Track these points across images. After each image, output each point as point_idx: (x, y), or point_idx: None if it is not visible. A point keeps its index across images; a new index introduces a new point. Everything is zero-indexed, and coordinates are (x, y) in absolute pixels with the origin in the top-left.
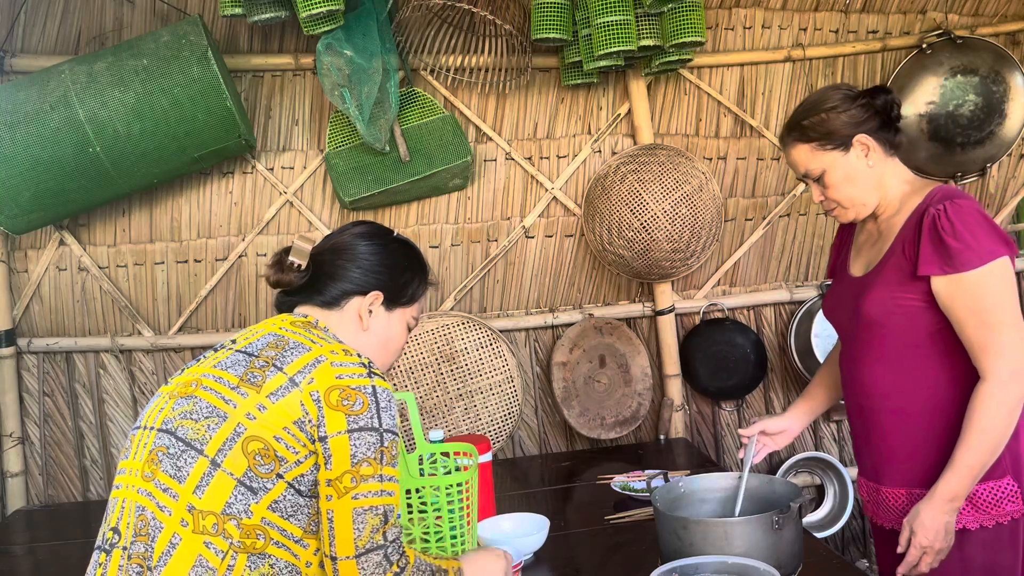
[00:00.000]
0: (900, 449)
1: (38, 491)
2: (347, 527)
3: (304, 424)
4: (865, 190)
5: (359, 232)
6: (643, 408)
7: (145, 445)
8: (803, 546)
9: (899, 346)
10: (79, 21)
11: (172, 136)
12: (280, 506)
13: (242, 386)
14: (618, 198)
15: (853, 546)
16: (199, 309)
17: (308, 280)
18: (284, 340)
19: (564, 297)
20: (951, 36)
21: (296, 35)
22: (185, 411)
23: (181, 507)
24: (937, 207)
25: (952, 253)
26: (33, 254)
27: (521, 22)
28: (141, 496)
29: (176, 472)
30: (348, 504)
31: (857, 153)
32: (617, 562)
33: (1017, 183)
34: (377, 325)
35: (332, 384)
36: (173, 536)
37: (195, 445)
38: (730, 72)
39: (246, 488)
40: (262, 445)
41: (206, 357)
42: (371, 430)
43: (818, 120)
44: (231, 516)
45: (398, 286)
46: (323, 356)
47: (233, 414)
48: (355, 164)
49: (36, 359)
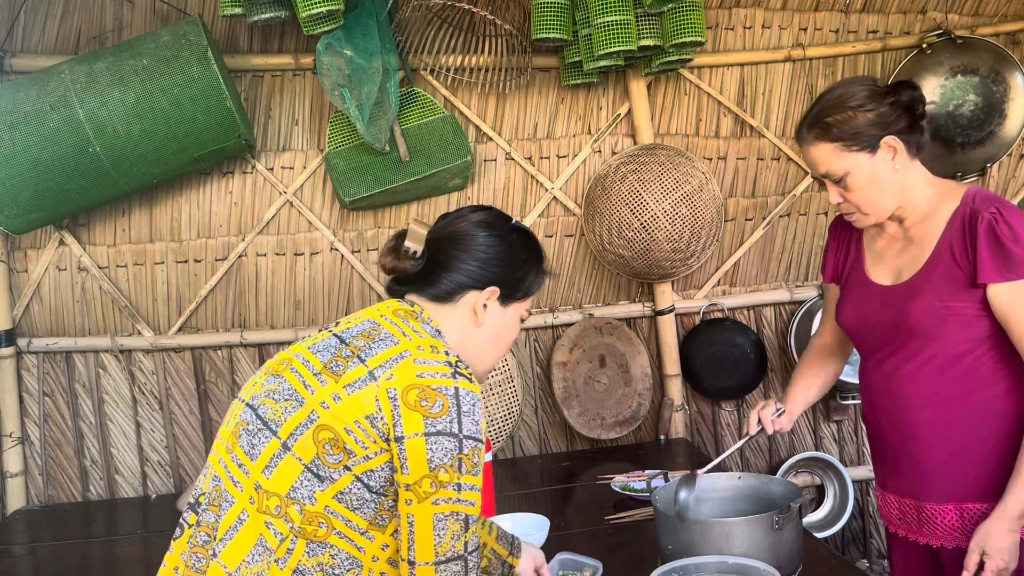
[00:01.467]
0: (947, 463)
1: (38, 491)
2: (427, 533)
3: (376, 420)
4: (888, 195)
5: (478, 220)
6: (643, 408)
7: (235, 416)
8: (803, 546)
9: (948, 356)
10: (79, 21)
11: (172, 136)
12: (346, 497)
13: (323, 373)
14: (618, 198)
15: (853, 546)
16: (199, 309)
17: (422, 269)
18: (378, 329)
19: (564, 297)
20: (951, 36)
21: (296, 35)
22: (270, 390)
23: (250, 484)
24: (991, 212)
25: (1016, 259)
26: (33, 254)
27: (521, 22)
28: (220, 467)
29: (250, 449)
30: (428, 509)
31: (884, 156)
32: (617, 562)
33: (1017, 183)
34: (491, 320)
35: (412, 383)
36: (241, 513)
37: (271, 425)
38: (730, 72)
39: (313, 475)
40: (332, 435)
41: (310, 336)
42: (450, 435)
43: (844, 118)
44: (295, 500)
45: (515, 280)
46: (408, 351)
47: (309, 400)
48: (355, 164)
49: (36, 359)
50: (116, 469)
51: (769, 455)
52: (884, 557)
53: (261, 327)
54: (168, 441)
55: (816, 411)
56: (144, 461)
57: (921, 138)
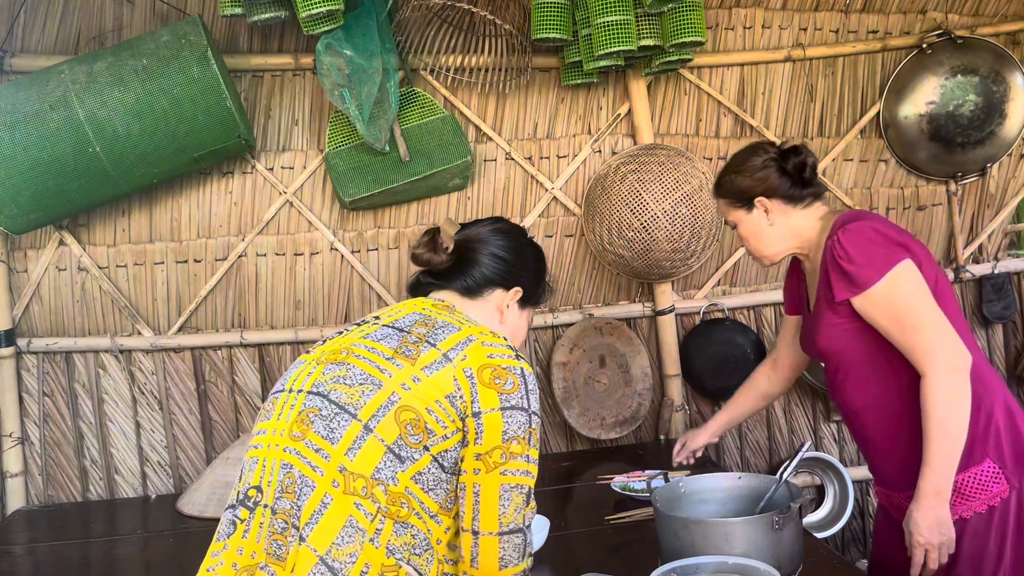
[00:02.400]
0: (896, 453)
1: (38, 491)
2: (493, 502)
3: (455, 399)
4: (770, 243)
5: (500, 228)
6: (643, 408)
7: (292, 407)
8: (803, 546)
9: (858, 364)
10: (79, 21)
11: (172, 136)
12: (423, 478)
13: (397, 357)
14: (618, 198)
15: (853, 546)
16: (199, 309)
17: (452, 264)
18: (432, 319)
19: (564, 297)
20: (951, 36)
21: (296, 35)
22: (338, 376)
23: (332, 467)
24: (833, 238)
25: (852, 276)
26: (33, 254)
27: (521, 22)
28: (289, 455)
29: (329, 433)
30: (497, 479)
31: (759, 212)
32: (617, 562)
33: (1017, 183)
34: (511, 320)
35: (484, 363)
36: (324, 496)
37: (348, 409)
38: (730, 72)
39: (394, 456)
40: (414, 416)
41: (349, 331)
42: (522, 410)
43: (727, 180)
44: (379, 481)
45: (533, 285)
46: (474, 336)
47: (388, 383)
48: (355, 164)
49: (36, 359)
50: (116, 469)
51: (769, 455)
52: None
53: (261, 327)
54: (168, 441)
55: (816, 411)
56: (144, 461)
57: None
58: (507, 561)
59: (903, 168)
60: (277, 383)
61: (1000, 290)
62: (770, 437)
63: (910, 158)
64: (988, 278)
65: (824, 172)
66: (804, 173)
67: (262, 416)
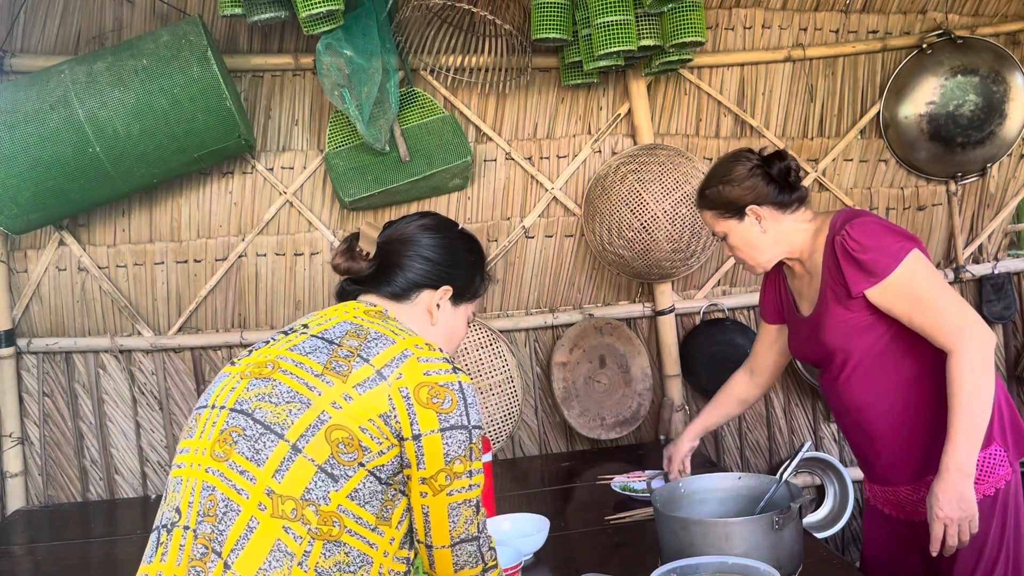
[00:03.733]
0: (901, 449)
1: (38, 491)
2: (443, 521)
3: (389, 419)
4: (763, 250)
5: (425, 224)
6: (643, 408)
7: (215, 424)
8: (803, 546)
9: (866, 359)
10: (79, 21)
11: (172, 136)
12: (359, 494)
13: (326, 374)
14: (618, 198)
15: (853, 546)
16: (199, 309)
17: (376, 270)
18: (364, 330)
19: (564, 297)
20: (951, 36)
21: (296, 35)
22: (263, 393)
23: (259, 490)
24: (841, 233)
25: (868, 265)
26: (33, 254)
27: (521, 22)
28: (211, 475)
29: (254, 455)
30: (443, 500)
31: (751, 221)
32: (617, 562)
33: (1017, 183)
34: (444, 319)
35: (421, 381)
36: (250, 520)
37: (275, 429)
38: (730, 72)
39: (327, 475)
40: (347, 435)
41: (276, 340)
42: (461, 428)
43: (715, 191)
44: (310, 502)
45: (465, 281)
46: (409, 350)
47: (317, 401)
48: (355, 164)
49: (36, 359)
50: (116, 469)
51: (769, 455)
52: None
53: (261, 327)
54: (168, 441)
55: (816, 411)
56: (144, 461)
57: (791, 196)
58: (462, 564)
59: (903, 168)
60: (201, 396)
61: (1000, 290)
62: (770, 437)
63: (910, 158)
64: (988, 278)
65: (824, 172)
66: (789, 178)
67: (185, 433)
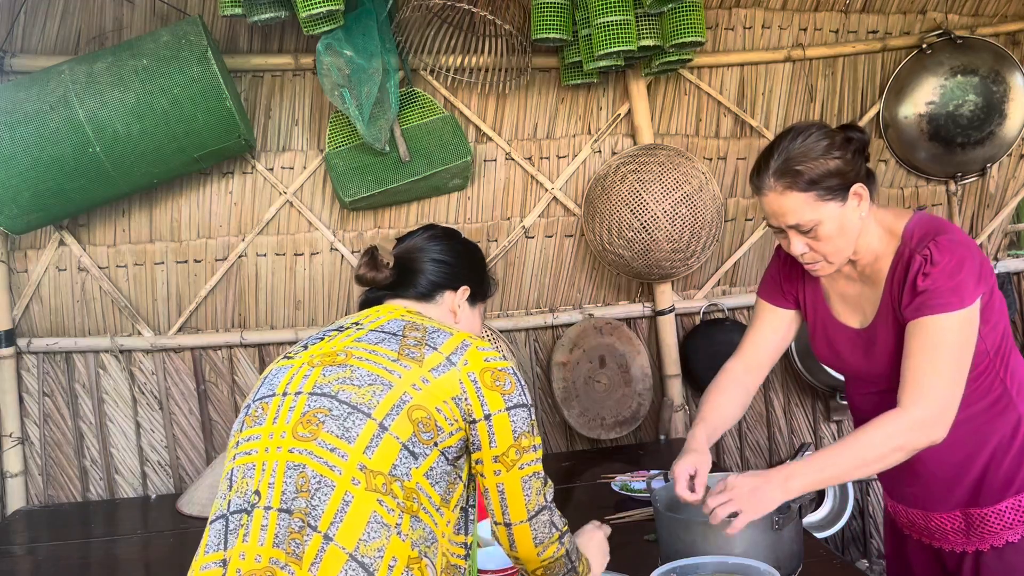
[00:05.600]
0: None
1: (38, 491)
2: (518, 495)
3: (460, 401)
4: (852, 242)
5: (434, 234)
6: (643, 408)
7: (292, 409)
8: (803, 546)
9: None
10: (79, 21)
11: (172, 136)
12: (433, 472)
13: (402, 359)
14: (618, 198)
15: (853, 546)
16: (199, 309)
17: (396, 278)
18: (419, 324)
19: (564, 297)
20: (951, 36)
21: (296, 35)
22: (343, 377)
23: (351, 466)
24: (923, 253)
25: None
26: (33, 254)
27: (521, 22)
28: (297, 455)
29: (344, 432)
30: (517, 475)
31: (852, 204)
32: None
33: (1017, 183)
34: (465, 318)
35: (484, 366)
36: (345, 494)
37: (362, 408)
38: (730, 72)
39: (409, 453)
40: (425, 414)
41: (331, 335)
42: (522, 406)
43: (815, 166)
44: (396, 478)
45: (478, 281)
46: (468, 340)
47: (398, 383)
48: (355, 164)
49: (36, 359)
50: (116, 469)
51: (769, 455)
52: (884, 557)
53: (261, 327)
54: (168, 441)
55: (816, 411)
56: (144, 461)
57: (875, 182)
58: (541, 539)
59: (903, 168)
60: (259, 389)
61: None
62: (770, 437)
63: (910, 158)
64: None
65: None
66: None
67: (249, 424)
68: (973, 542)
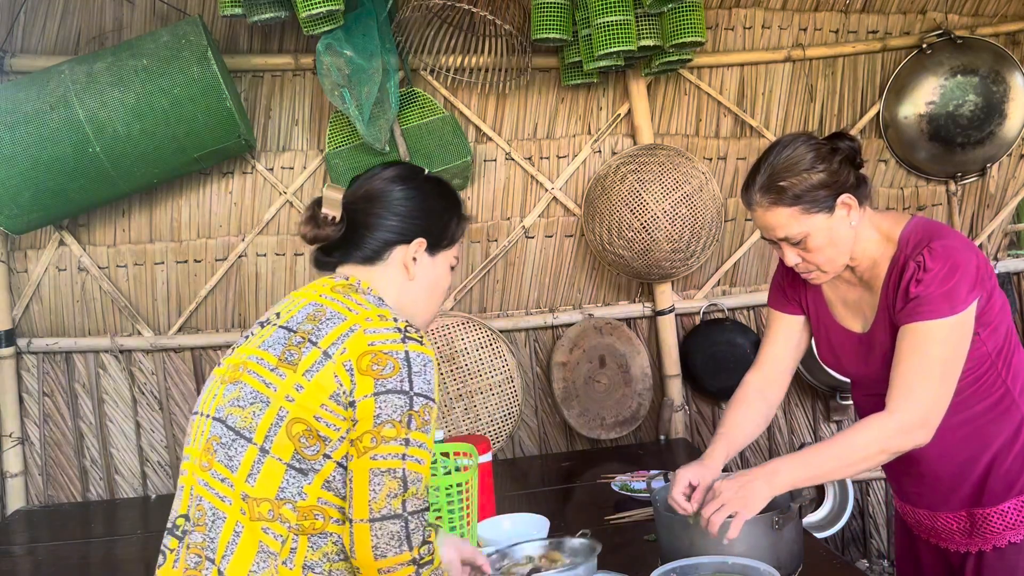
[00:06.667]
0: (952, 476)
1: (38, 491)
2: (363, 487)
3: (339, 396)
4: (845, 251)
5: (390, 176)
6: (643, 408)
7: (203, 433)
8: (803, 546)
9: None
10: (79, 21)
11: (172, 136)
12: (332, 484)
13: (280, 367)
14: (618, 198)
15: (853, 546)
16: (199, 309)
17: (344, 233)
18: (322, 310)
19: (564, 297)
20: (951, 36)
21: (296, 35)
22: (233, 398)
23: (237, 496)
24: (917, 259)
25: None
26: (33, 254)
27: (521, 22)
28: (199, 486)
29: (228, 462)
30: (366, 464)
31: (840, 214)
32: (617, 562)
33: (1017, 183)
34: (423, 272)
35: (364, 350)
36: (236, 525)
37: (244, 433)
38: (730, 72)
39: (296, 471)
40: (304, 427)
41: (252, 335)
42: (400, 393)
43: (798, 181)
44: (285, 500)
45: (439, 229)
46: (357, 325)
47: (274, 398)
48: (355, 164)
49: (36, 359)
50: (116, 469)
51: (769, 455)
52: (884, 557)
53: None
54: (168, 441)
55: (816, 411)
56: (144, 461)
57: (867, 188)
58: (382, 551)
59: (903, 168)
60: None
61: None
62: (770, 437)
63: (910, 158)
64: None
65: None
66: (857, 161)
67: (186, 439)
68: (976, 542)
